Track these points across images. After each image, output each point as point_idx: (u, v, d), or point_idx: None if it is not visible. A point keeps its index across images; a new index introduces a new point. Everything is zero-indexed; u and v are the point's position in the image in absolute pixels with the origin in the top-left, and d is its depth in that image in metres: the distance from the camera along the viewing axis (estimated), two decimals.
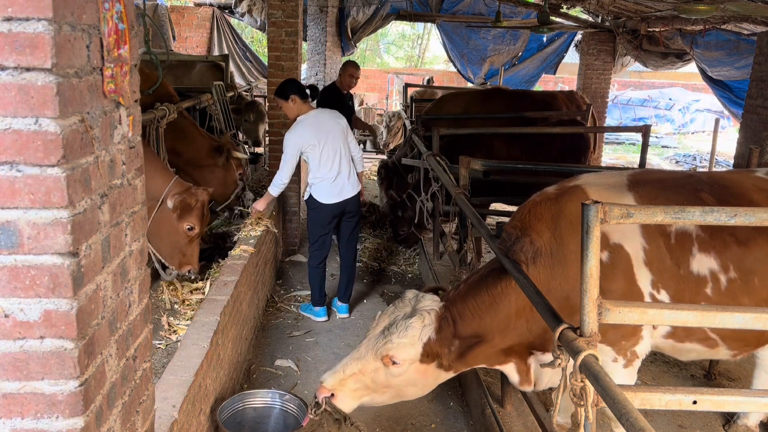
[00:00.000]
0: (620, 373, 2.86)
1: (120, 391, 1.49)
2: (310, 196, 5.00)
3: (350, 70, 6.94)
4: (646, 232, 2.79)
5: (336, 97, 6.81)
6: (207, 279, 4.11)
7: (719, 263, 2.78)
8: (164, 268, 4.08)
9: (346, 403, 2.88)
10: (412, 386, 2.94)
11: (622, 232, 2.77)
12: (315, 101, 5.22)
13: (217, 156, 5.08)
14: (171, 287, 4.15)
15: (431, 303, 2.91)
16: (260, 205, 5.07)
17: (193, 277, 4.14)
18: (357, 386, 2.88)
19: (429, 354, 2.83)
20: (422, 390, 3.02)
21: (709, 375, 4.08)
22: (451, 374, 2.98)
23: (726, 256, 2.78)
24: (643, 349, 2.87)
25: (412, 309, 2.91)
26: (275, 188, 4.97)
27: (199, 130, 5.30)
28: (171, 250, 4.04)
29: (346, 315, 5.31)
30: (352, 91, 7.32)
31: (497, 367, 3.03)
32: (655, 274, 2.76)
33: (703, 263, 2.78)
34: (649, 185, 2.95)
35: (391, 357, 2.82)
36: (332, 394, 2.86)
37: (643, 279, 2.75)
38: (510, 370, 3.01)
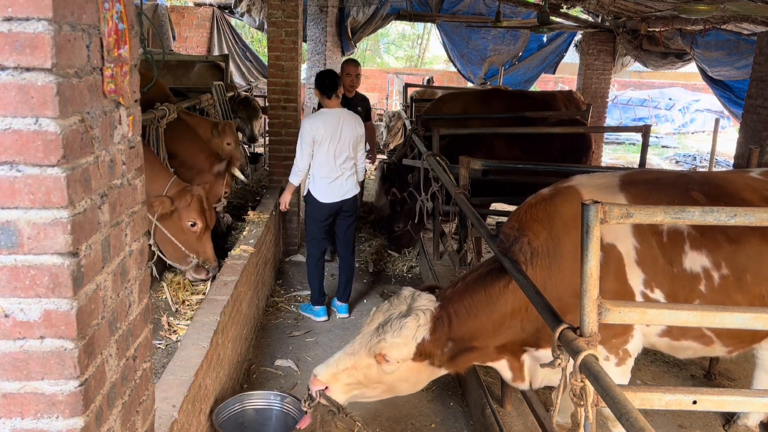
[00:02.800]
0: (612, 371, 2.85)
1: (120, 391, 1.49)
2: (309, 192, 5.07)
3: (345, 68, 6.48)
4: (637, 231, 2.80)
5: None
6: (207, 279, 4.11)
7: (711, 260, 2.79)
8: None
9: (338, 397, 2.89)
10: (404, 382, 2.96)
11: (615, 232, 2.79)
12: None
13: (216, 162, 5.01)
14: (171, 288, 4.16)
15: (427, 303, 2.92)
16: (286, 197, 5.23)
17: (211, 274, 4.13)
18: (349, 381, 2.89)
19: (422, 353, 2.84)
20: (414, 386, 3.03)
21: (709, 375, 4.08)
22: (443, 371, 2.99)
23: (718, 254, 2.79)
24: (634, 347, 2.88)
25: (408, 308, 2.91)
26: (293, 176, 5.04)
27: (198, 134, 5.27)
28: (183, 250, 4.08)
29: (345, 315, 5.31)
30: (365, 95, 6.91)
31: (489, 363, 3.03)
32: (648, 273, 2.77)
33: (695, 261, 2.79)
34: (641, 185, 2.96)
35: (384, 355, 2.83)
36: (326, 387, 2.87)
37: (635, 278, 2.76)
38: (502, 366, 3.02)
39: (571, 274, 2.67)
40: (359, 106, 6.41)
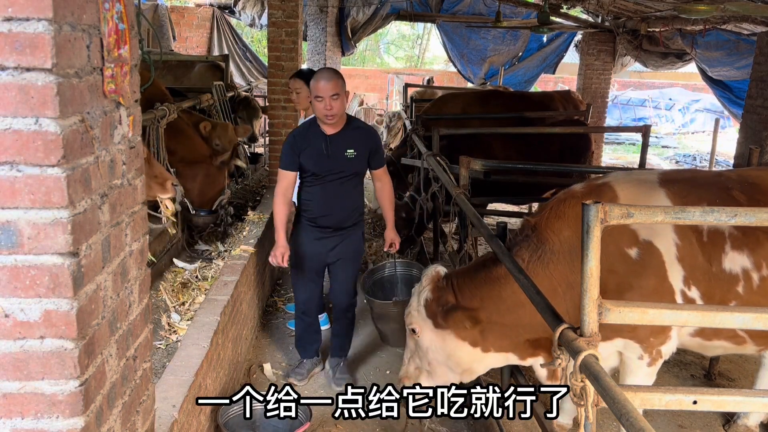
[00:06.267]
0: (643, 371, 2.84)
1: (120, 391, 1.49)
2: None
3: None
4: (678, 228, 2.75)
5: (310, 141, 3.74)
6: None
7: (752, 261, 2.74)
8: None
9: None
10: (443, 355, 2.94)
11: (653, 228, 2.73)
12: None
13: (217, 155, 4.99)
14: (171, 289, 4.16)
15: (429, 269, 3.05)
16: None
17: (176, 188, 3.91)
18: (414, 366, 3.08)
19: (432, 315, 2.91)
20: (455, 364, 2.95)
21: (709, 375, 4.08)
22: (479, 351, 2.89)
23: (759, 254, 2.75)
24: (669, 349, 2.84)
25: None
26: None
27: (194, 129, 5.24)
28: None
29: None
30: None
31: (528, 360, 2.99)
32: (687, 270, 2.73)
33: (735, 261, 2.74)
34: (680, 183, 2.93)
35: (409, 325, 2.98)
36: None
37: (675, 275, 2.72)
38: (537, 365, 3.00)
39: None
40: (351, 147, 3.75)
